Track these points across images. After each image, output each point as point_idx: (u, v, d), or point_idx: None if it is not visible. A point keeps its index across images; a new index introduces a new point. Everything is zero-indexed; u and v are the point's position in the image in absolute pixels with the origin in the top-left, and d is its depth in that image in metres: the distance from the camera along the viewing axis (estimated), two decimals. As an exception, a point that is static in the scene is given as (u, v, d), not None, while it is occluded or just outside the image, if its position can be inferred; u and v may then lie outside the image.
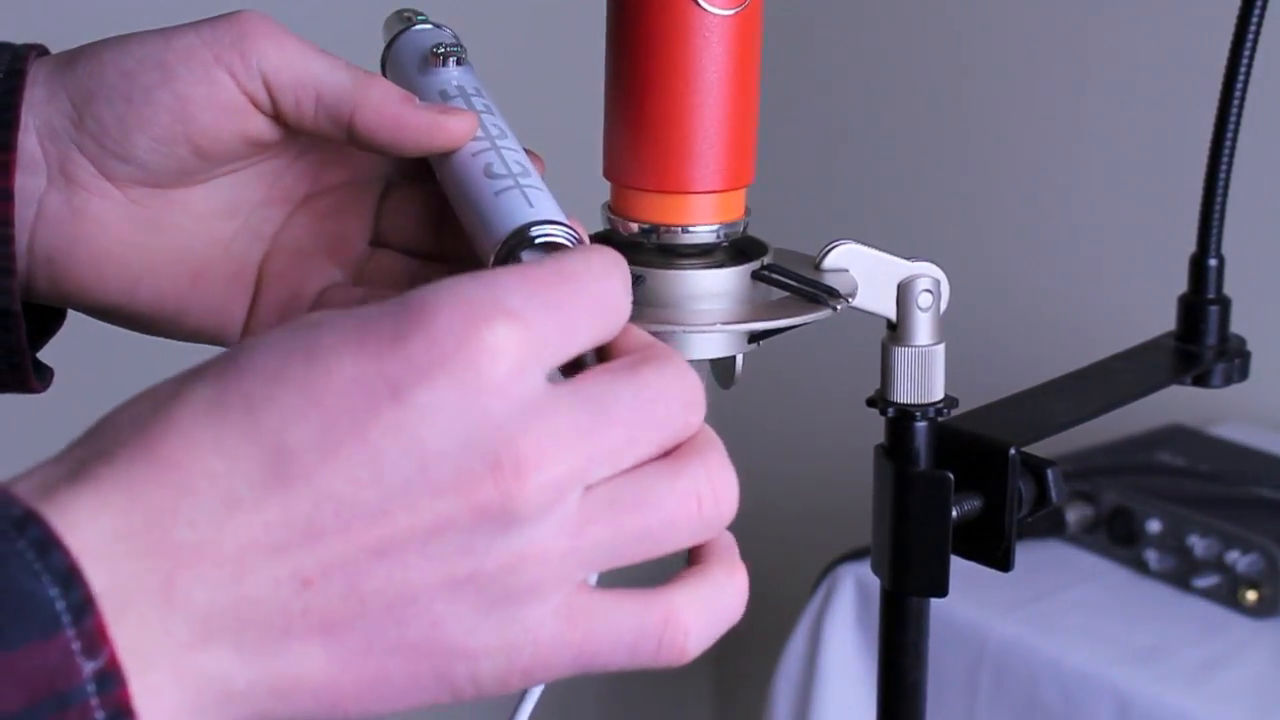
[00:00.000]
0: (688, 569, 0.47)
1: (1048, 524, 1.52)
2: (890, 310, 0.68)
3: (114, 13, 1.07)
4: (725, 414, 0.64)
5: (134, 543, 0.41)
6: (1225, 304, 0.82)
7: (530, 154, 0.62)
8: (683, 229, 0.63)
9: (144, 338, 0.66)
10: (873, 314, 0.68)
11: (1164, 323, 0.84)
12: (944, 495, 0.69)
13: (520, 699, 0.54)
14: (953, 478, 0.69)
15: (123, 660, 0.40)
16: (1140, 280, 1.78)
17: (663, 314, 0.62)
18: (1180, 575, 1.46)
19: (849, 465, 1.22)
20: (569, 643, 0.45)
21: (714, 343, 0.63)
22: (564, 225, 0.58)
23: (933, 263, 0.68)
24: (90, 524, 0.40)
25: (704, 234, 0.63)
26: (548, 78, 1.97)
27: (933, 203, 2.16)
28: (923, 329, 0.68)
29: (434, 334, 0.42)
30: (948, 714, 1.46)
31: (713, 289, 0.63)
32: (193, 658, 0.41)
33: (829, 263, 0.66)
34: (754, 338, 0.63)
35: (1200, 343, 0.82)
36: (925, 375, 0.69)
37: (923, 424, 0.69)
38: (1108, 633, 1.42)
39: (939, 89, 2.13)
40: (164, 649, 0.41)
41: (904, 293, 0.67)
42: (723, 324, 0.62)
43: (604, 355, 0.48)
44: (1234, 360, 0.81)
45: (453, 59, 0.64)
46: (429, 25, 0.66)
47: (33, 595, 0.39)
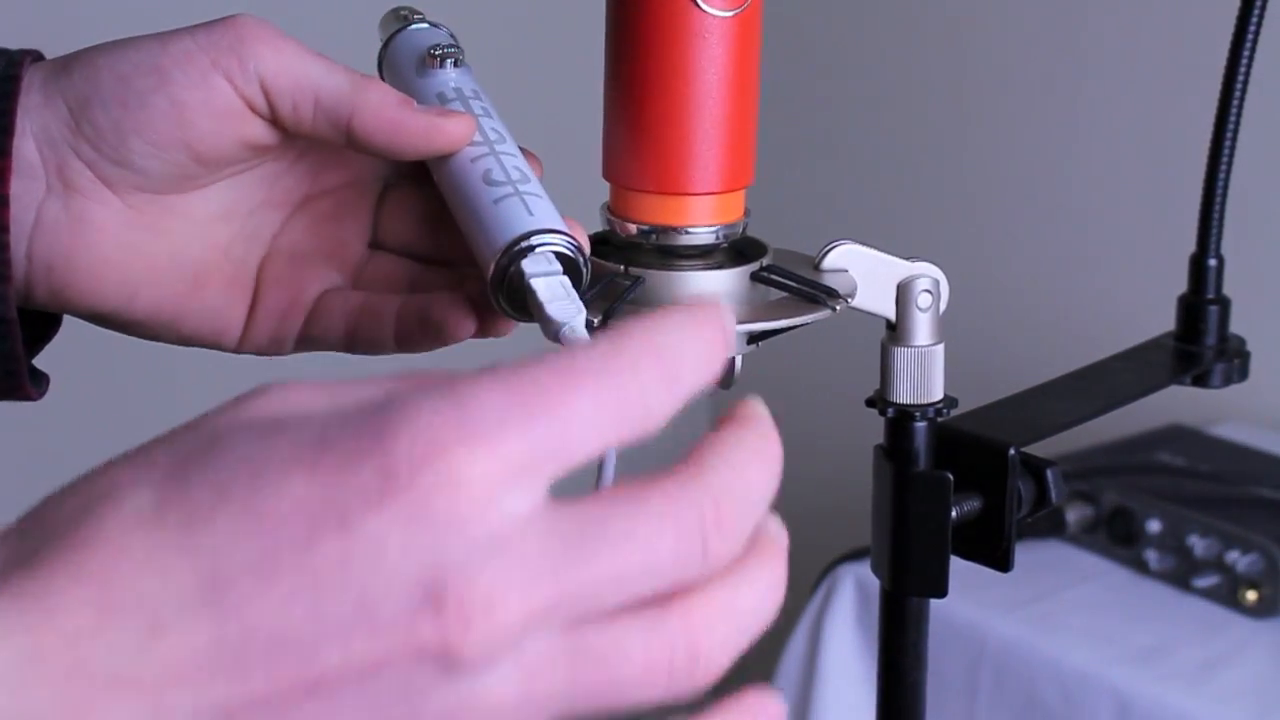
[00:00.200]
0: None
1: (1048, 524, 1.52)
2: (890, 310, 0.68)
3: (110, 17, 1.07)
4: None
5: (47, 666, 0.38)
6: (1225, 304, 0.82)
7: (528, 155, 0.62)
8: (682, 230, 0.63)
9: (142, 343, 0.65)
10: (872, 314, 0.68)
11: (1164, 323, 0.84)
12: (944, 495, 0.69)
13: None
14: (952, 478, 0.69)
15: None
16: (1140, 280, 1.78)
17: None
18: (1180, 575, 1.46)
19: (849, 465, 1.22)
20: None
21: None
22: (564, 234, 0.57)
23: (932, 263, 0.68)
24: (1, 642, 0.37)
25: (703, 235, 0.63)
26: (547, 78, 1.97)
27: (932, 203, 2.16)
28: (922, 329, 0.68)
29: (391, 460, 0.38)
30: (948, 714, 1.46)
31: (712, 290, 0.63)
32: None
33: (828, 263, 0.66)
34: (754, 338, 0.63)
35: (1200, 343, 0.81)
36: (925, 375, 0.69)
37: (922, 424, 0.69)
38: (1108, 633, 1.42)
39: (938, 89, 2.13)
40: None
41: (903, 293, 0.67)
42: None
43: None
44: (1234, 360, 0.81)
45: (450, 61, 0.64)
46: (426, 25, 0.66)
47: None
